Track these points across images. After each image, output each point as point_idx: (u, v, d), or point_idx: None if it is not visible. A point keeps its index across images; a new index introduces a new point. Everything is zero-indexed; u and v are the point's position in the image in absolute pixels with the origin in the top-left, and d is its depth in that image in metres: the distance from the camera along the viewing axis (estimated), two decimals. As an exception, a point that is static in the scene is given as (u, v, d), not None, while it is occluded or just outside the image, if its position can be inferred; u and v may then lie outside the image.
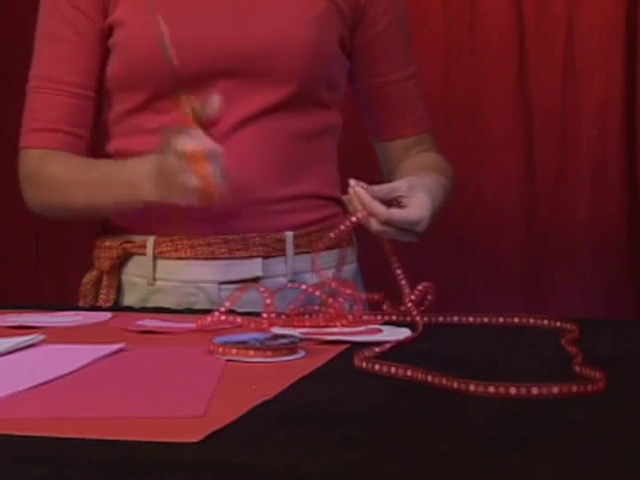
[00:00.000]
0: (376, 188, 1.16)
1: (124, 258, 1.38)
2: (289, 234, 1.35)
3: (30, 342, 0.95)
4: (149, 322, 1.10)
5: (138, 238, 1.37)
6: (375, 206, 1.13)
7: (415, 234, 1.18)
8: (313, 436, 0.64)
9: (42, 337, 0.97)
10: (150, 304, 1.35)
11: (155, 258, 1.35)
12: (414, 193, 1.18)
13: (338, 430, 0.65)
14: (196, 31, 1.32)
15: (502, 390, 0.74)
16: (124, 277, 1.38)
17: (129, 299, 1.38)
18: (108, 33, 1.35)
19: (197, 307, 1.31)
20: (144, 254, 1.35)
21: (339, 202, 1.36)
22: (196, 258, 1.33)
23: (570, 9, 2.06)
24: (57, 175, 1.35)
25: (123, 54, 1.34)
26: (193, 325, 1.07)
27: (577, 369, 0.83)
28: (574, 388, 0.75)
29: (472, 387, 0.75)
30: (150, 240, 1.35)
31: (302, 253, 1.36)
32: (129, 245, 1.37)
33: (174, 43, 1.26)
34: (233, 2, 1.33)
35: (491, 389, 0.74)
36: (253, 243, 1.33)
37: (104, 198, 1.30)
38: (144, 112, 1.35)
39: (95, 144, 1.41)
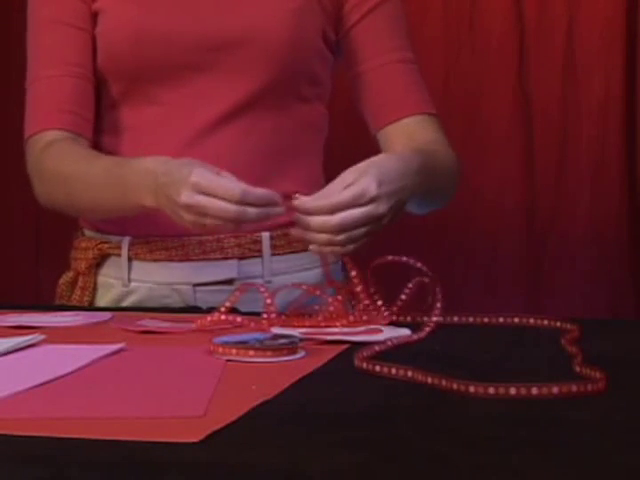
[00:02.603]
0: (315, 195, 1.09)
1: (100, 259, 1.36)
2: (265, 235, 1.32)
3: (30, 342, 0.95)
4: (149, 322, 1.10)
5: (114, 239, 1.35)
6: (317, 202, 1.07)
7: (378, 213, 1.09)
8: (313, 436, 0.64)
9: (42, 337, 0.97)
10: (125, 305, 1.34)
11: (130, 259, 1.33)
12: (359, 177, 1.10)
13: (338, 430, 0.65)
14: (170, 22, 1.29)
15: (502, 390, 0.74)
16: (100, 278, 1.37)
17: (103, 300, 1.36)
18: (95, 20, 1.33)
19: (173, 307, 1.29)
20: (119, 255, 1.34)
21: None
22: (170, 260, 1.31)
23: (570, 9, 2.06)
24: (60, 169, 1.29)
25: (100, 44, 1.32)
26: (193, 325, 1.07)
27: (577, 369, 0.83)
28: (574, 388, 0.75)
29: (472, 388, 0.75)
30: (125, 241, 1.33)
31: (280, 254, 1.33)
32: (105, 246, 1.35)
33: (147, 34, 1.26)
34: None
35: (491, 390, 0.74)
36: (228, 244, 1.31)
37: (106, 198, 1.26)
38: (120, 107, 1.34)
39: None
